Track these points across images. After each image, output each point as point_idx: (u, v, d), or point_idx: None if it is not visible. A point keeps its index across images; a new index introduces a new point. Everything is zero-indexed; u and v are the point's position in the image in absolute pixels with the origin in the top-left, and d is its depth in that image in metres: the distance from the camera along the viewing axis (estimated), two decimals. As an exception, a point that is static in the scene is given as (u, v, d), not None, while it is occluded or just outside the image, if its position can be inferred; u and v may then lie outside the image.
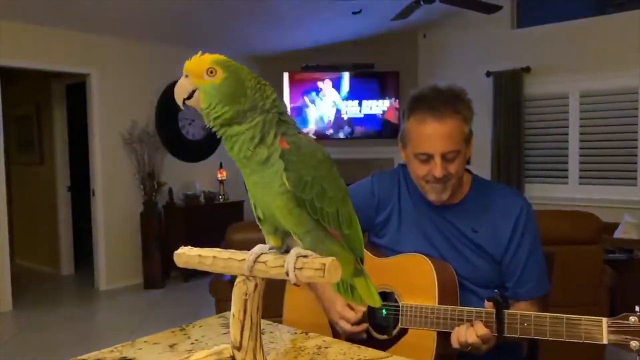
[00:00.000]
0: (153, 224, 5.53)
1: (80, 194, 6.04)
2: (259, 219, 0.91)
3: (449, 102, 1.35)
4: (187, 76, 0.85)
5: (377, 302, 1.03)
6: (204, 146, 6.21)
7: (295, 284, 0.82)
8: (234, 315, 0.84)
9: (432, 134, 1.34)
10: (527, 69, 5.62)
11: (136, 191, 5.58)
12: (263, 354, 0.86)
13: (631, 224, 4.29)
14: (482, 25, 5.67)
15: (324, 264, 0.76)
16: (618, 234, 4.26)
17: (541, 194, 5.59)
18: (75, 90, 5.69)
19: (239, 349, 0.84)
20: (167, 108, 5.82)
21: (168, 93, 5.80)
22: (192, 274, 5.60)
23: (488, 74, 5.86)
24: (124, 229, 5.56)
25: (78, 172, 6.05)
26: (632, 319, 1.07)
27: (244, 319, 0.83)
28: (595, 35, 5.28)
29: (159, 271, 5.49)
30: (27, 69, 5.07)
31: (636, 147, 5.07)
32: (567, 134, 5.48)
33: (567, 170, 5.50)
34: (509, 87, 5.69)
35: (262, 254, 0.87)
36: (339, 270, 0.77)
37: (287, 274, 0.81)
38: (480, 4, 4.27)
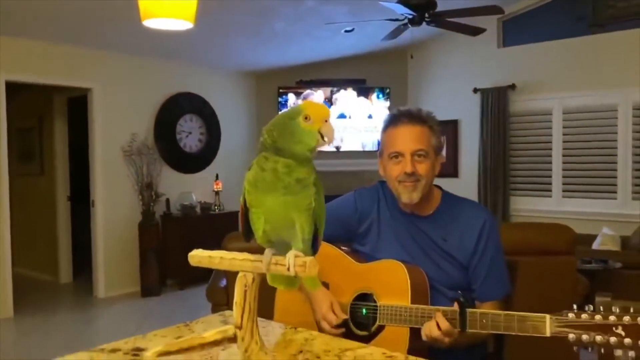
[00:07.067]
0: (151, 234, 5.70)
1: (79, 204, 6.20)
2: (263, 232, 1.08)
3: (418, 115, 1.64)
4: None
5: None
6: (201, 158, 6.40)
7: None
8: (236, 303, 1.06)
9: (403, 134, 1.61)
10: (512, 86, 5.85)
11: (134, 202, 5.75)
12: (258, 332, 1.08)
13: (608, 236, 4.49)
14: (468, 44, 5.89)
15: (305, 262, 1.00)
16: (596, 245, 4.46)
17: (526, 206, 5.80)
18: (77, 104, 5.86)
19: (240, 328, 1.06)
20: (166, 121, 6.01)
21: (167, 106, 6.00)
22: (187, 282, 5.77)
23: (475, 90, 6.09)
24: (122, 238, 5.72)
25: (78, 183, 6.22)
26: (570, 315, 1.26)
27: (244, 305, 1.05)
28: (577, 55, 5.53)
29: (156, 279, 5.65)
30: (30, 83, 5.24)
31: (616, 162, 5.30)
32: (550, 149, 5.70)
33: (550, 184, 5.71)
34: (495, 103, 5.92)
35: (273, 254, 1.07)
36: (317, 267, 0.99)
37: (288, 269, 1.01)
38: (465, 27, 4.49)
